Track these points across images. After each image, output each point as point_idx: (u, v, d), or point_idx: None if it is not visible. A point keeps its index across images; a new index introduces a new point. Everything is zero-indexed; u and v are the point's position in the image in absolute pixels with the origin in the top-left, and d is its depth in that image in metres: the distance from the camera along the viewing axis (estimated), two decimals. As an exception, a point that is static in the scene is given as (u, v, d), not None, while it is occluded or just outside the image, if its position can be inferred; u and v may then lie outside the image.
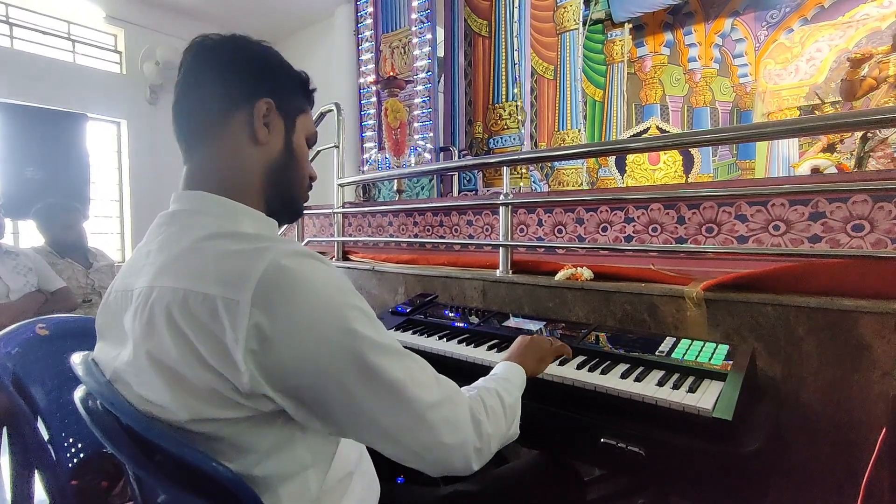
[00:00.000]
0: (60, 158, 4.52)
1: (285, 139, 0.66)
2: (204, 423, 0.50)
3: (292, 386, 0.49)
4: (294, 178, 0.69)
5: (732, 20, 4.89)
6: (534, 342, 0.91)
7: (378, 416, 0.53)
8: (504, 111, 3.67)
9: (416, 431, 0.54)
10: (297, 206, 0.71)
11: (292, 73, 0.69)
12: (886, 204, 1.19)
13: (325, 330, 0.50)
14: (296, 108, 0.68)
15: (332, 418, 0.52)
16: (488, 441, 0.62)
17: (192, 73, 0.63)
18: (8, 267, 1.96)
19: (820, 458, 1.06)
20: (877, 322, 0.99)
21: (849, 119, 1.16)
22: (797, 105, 4.47)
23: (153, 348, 0.50)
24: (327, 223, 2.87)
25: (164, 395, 0.50)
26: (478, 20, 3.75)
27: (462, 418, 0.59)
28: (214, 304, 0.48)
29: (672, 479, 0.79)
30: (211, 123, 0.62)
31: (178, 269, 0.52)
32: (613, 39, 5.49)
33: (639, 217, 1.63)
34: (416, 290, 1.88)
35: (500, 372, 0.79)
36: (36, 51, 4.54)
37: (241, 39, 0.65)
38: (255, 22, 5.13)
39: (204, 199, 0.60)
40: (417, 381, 0.55)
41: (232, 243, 0.53)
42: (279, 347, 0.48)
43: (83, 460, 1.04)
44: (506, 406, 0.69)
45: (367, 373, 0.51)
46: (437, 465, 0.58)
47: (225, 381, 0.48)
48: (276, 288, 0.48)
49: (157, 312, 0.51)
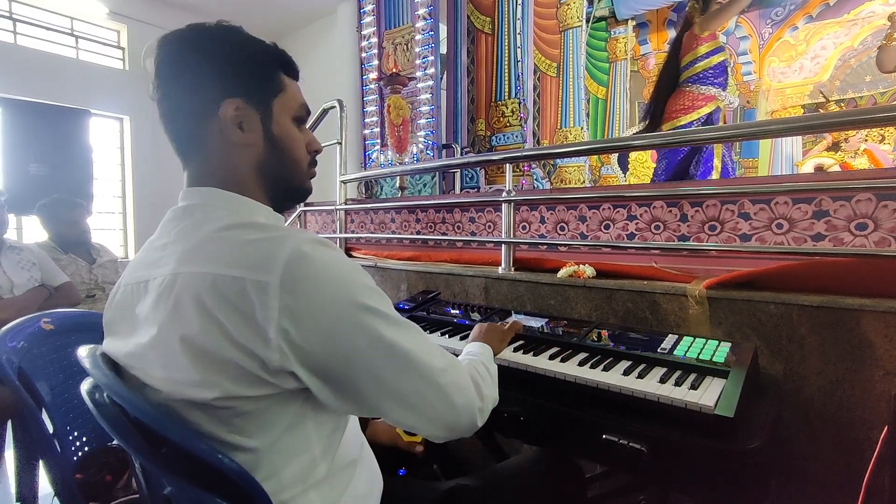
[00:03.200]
0: (63, 154, 4.53)
1: (264, 132, 0.64)
2: (230, 399, 0.52)
3: (321, 364, 0.52)
4: (287, 165, 0.67)
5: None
6: (491, 327, 1.00)
7: (399, 384, 0.56)
8: (507, 108, 3.66)
9: (432, 397, 0.59)
10: (301, 189, 0.71)
11: (259, 55, 0.64)
12: (891, 202, 1.19)
13: (344, 309, 0.53)
14: (270, 93, 0.64)
15: (354, 393, 0.55)
16: (487, 401, 0.68)
17: (162, 81, 0.62)
18: (12, 262, 1.97)
19: (821, 457, 1.06)
20: (879, 321, 0.99)
21: (853, 117, 1.15)
22: (801, 103, 4.45)
23: (182, 330, 0.52)
24: (330, 220, 2.87)
25: (192, 374, 0.51)
26: (481, 17, 3.74)
27: (465, 381, 0.64)
28: (244, 285, 0.50)
29: (673, 476, 0.79)
30: (190, 131, 0.63)
31: (201, 256, 0.54)
32: (617, 37, 5.48)
33: (641, 215, 1.62)
34: (419, 287, 1.88)
35: (472, 349, 0.85)
36: (39, 47, 4.55)
37: (199, 34, 0.62)
38: (258, 18, 5.13)
39: (215, 194, 0.61)
40: (426, 350, 0.59)
41: (252, 232, 0.55)
42: (306, 326, 0.51)
43: (88, 454, 1.05)
44: (490, 372, 0.76)
45: (385, 345, 0.55)
46: (449, 429, 0.63)
47: (254, 358, 0.50)
48: (301, 271, 0.51)
49: (183, 297, 0.52)
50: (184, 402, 0.53)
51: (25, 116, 4.34)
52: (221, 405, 0.52)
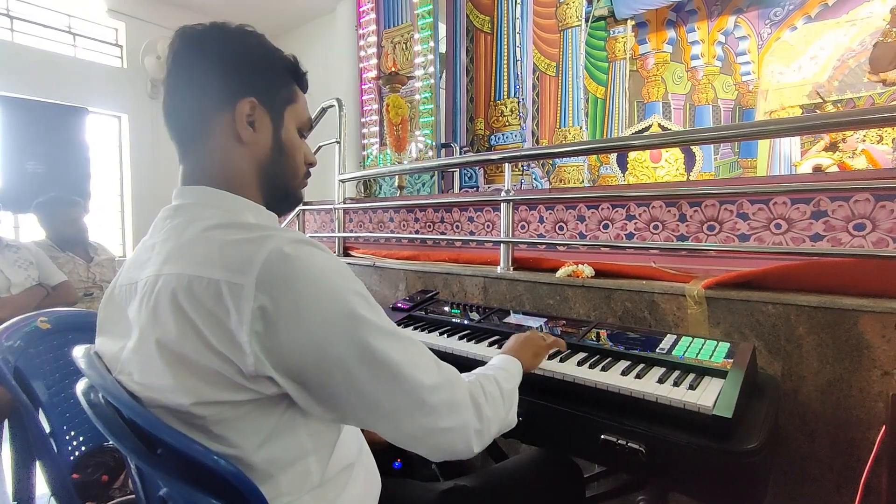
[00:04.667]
0: (61, 152, 4.51)
1: (273, 135, 0.65)
2: (207, 406, 0.50)
3: (296, 368, 0.50)
4: (287, 171, 0.68)
5: (736, 18, 4.88)
6: (528, 338, 0.92)
7: (379, 398, 0.53)
8: (506, 108, 3.66)
9: (416, 415, 0.56)
10: (294, 197, 0.71)
11: (278, 63, 0.65)
12: (889, 203, 1.19)
13: (326, 313, 0.50)
14: (283, 100, 0.66)
15: (333, 402, 0.53)
16: (488, 424, 0.63)
17: (174, 72, 0.61)
18: (9, 260, 1.96)
19: (819, 457, 1.07)
20: (877, 321, 0.99)
21: (851, 118, 1.15)
22: (800, 103, 4.45)
23: (158, 334, 0.51)
24: (328, 219, 2.86)
25: (167, 379, 0.50)
26: (480, 16, 3.74)
27: (462, 401, 0.60)
28: (219, 287, 0.49)
29: (672, 476, 0.79)
30: (197, 125, 0.62)
31: (183, 257, 0.53)
32: (616, 36, 5.47)
33: (640, 215, 1.62)
34: (417, 286, 1.88)
35: (496, 363, 0.80)
36: (37, 44, 4.53)
37: (222, 31, 0.62)
38: (257, 17, 5.12)
39: (207, 193, 0.61)
40: (417, 365, 0.56)
41: (236, 232, 0.54)
42: (283, 329, 0.49)
43: (84, 454, 1.04)
44: (504, 392, 0.70)
45: (368, 356, 0.52)
46: (438, 450, 0.59)
47: (229, 363, 0.49)
48: (280, 273, 0.49)
49: (162, 299, 0.51)
50: (161, 411, 0.52)
51: (23, 114, 4.32)
52: (199, 412, 0.50)
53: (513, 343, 0.91)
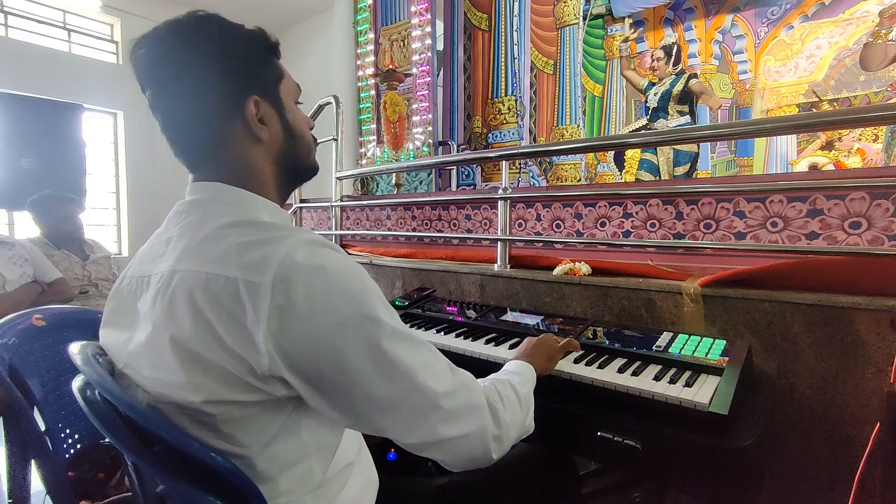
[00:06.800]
0: (56, 149, 4.49)
1: (281, 122, 0.64)
2: (217, 404, 0.50)
3: (309, 368, 0.50)
4: (301, 151, 0.67)
5: (733, 16, 4.87)
6: (541, 342, 0.91)
7: (392, 401, 0.53)
8: (503, 106, 3.66)
9: (431, 419, 0.55)
10: (312, 167, 0.70)
11: (258, 46, 0.62)
12: (884, 201, 1.19)
13: (342, 314, 0.50)
14: (275, 81, 0.64)
15: (346, 404, 0.52)
16: (506, 429, 0.62)
17: (160, 90, 0.58)
18: (4, 258, 1.95)
19: (814, 453, 1.07)
20: (872, 319, 0.99)
21: (847, 116, 1.15)
22: (796, 102, 4.47)
23: (173, 330, 0.51)
24: (325, 216, 2.86)
25: (179, 376, 0.50)
26: (477, 14, 3.73)
27: (478, 405, 0.60)
28: (236, 286, 0.49)
29: (668, 472, 0.79)
30: (210, 138, 0.60)
31: (200, 254, 0.53)
32: (613, 34, 5.47)
33: (637, 213, 1.63)
34: (414, 284, 1.88)
35: (510, 368, 0.80)
36: (31, 40, 4.50)
37: (187, 32, 0.58)
38: (253, 13, 5.09)
39: (222, 189, 0.60)
40: (432, 370, 0.56)
41: (253, 231, 0.53)
42: (299, 330, 0.49)
43: (80, 451, 1.04)
44: (520, 396, 0.69)
45: (382, 358, 0.52)
46: (456, 456, 0.59)
47: (243, 363, 0.49)
48: (296, 273, 0.49)
49: (178, 295, 0.51)
50: (171, 406, 0.52)
51: (17, 110, 4.29)
52: (208, 410, 0.50)
53: (525, 347, 0.90)
